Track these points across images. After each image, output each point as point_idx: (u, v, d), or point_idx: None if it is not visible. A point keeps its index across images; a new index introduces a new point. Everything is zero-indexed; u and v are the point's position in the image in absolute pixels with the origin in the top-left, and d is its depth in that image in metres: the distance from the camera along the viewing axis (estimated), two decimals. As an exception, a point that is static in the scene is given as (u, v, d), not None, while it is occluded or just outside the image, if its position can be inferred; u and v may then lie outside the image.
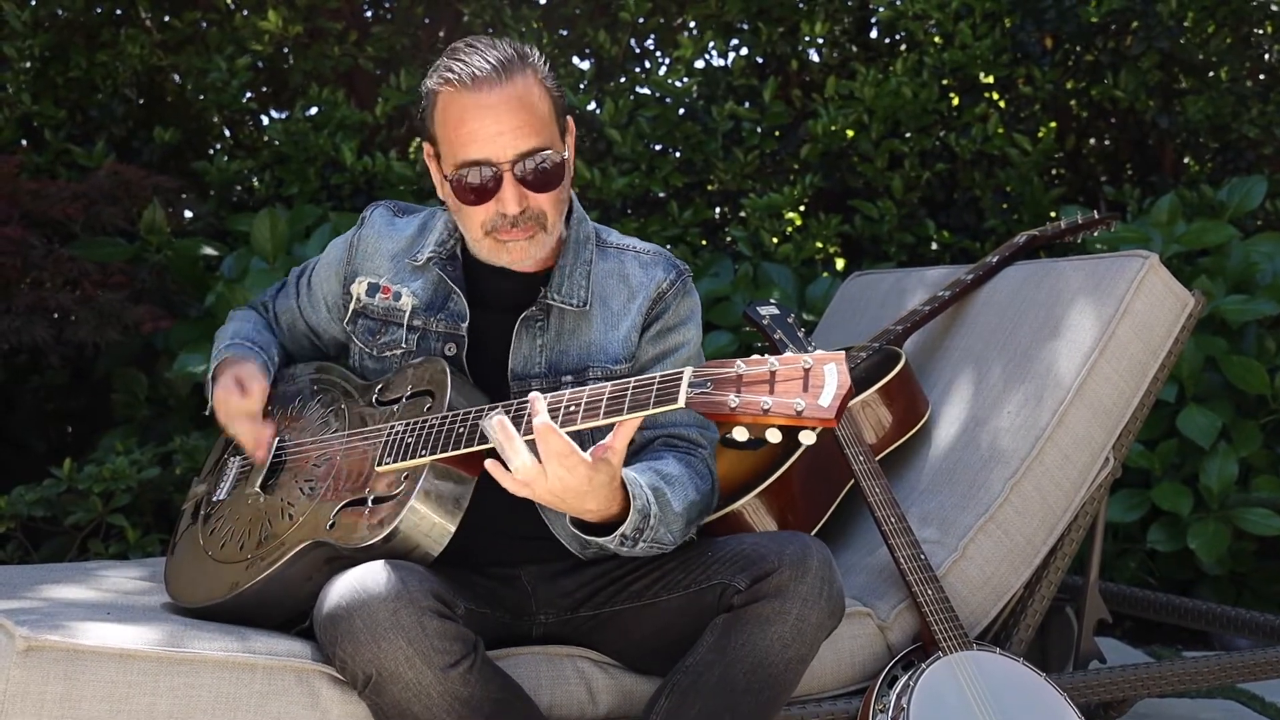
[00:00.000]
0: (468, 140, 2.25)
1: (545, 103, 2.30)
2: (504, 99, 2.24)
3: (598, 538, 2.17)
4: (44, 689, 2.01)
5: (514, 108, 2.25)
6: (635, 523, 2.14)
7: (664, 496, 2.20)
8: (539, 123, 2.27)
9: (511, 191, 2.26)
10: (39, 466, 4.31)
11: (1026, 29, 5.14)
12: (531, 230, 2.30)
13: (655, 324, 2.43)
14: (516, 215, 2.27)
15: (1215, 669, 2.90)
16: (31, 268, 4.10)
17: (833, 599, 2.22)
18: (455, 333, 2.41)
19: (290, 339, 2.69)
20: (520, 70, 2.27)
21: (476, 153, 2.25)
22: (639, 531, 2.15)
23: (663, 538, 2.21)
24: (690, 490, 2.29)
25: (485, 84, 2.23)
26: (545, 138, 2.28)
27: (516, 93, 2.25)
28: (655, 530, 2.18)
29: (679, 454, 2.37)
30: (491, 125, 2.24)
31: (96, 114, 5.09)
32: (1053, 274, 3.10)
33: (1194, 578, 4.41)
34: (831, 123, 4.96)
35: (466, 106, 2.25)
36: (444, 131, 2.29)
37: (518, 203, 2.26)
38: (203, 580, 2.37)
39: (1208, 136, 5.29)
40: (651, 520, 2.16)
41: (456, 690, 2.04)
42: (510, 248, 2.32)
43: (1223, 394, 4.29)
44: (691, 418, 2.43)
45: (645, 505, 2.15)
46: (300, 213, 4.62)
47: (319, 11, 5.21)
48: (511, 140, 2.24)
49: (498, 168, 2.25)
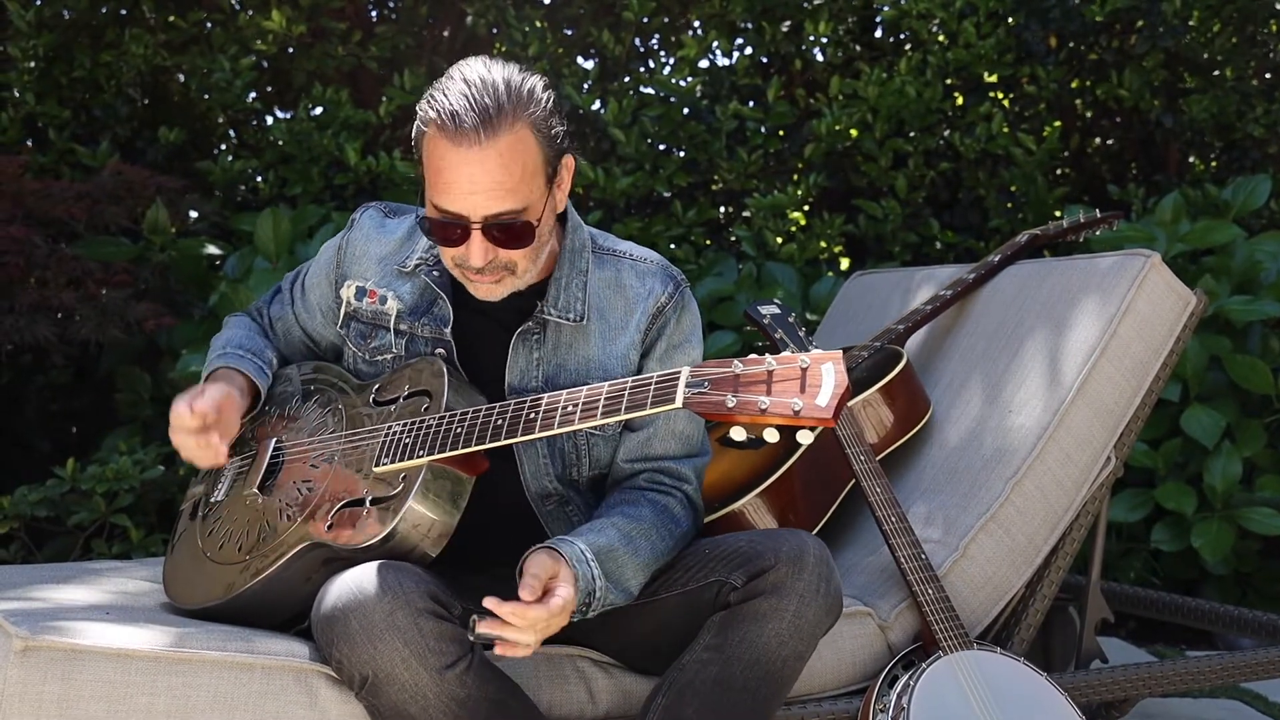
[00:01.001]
0: (443, 189, 2.19)
1: (533, 155, 2.20)
2: (483, 158, 2.15)
3: None
4: (42, 689, 2.01)
5: (490, 169, 2.16)
6: (581, 598, 2.15)
7: (617, 558, 2.21)
8: (516, 183, 2.18)
9: (478, 248, 2.20)
10: (43, 466, 4.32)
11: (1031, 28, 5.14)
12: (499, 276, 2.26)
13: (659, 343, 2.40)
14: (481, 266, 2.23)
15: (1217, 668, 2.90)
16: (35, 267, 4.10)
17: (830, 595, 2.21)
18: (440, 337, 2.39)
19: (286, 346, 2.65)
20: (509, 123, 2.16)
21: (449, 204, 2.18)
22: (585, 606, 2.17)
23: (616, 601, 2.22)
24: (658, 540, 2.29)
25: (466, 138, 2.15)
26: (520, 198, 2.19)
27: (497, 152, 2.15)
28: (604, 596, 2.19)
29: (658, 493, 2.37)
30: (466, 183, 2.16)
31: (101, 114, 5.10)
32: (1054, 273, 3.09)
33: (1198, 577, 4.40)
34: (835, 122, 4.96)
35: (445, 155, 2.17)
36: (426, 167, 2.23)
37: (482, 257, 2.21)
38: (201, 581, 2.37)
39: (1212, 135, 5.28)
40: (598, 592, 2.17)
41: (453, 691, 2.04)
42: (476, 286, 2.28)
43: (1227, 394, 4.28)
44: (681, 447, 2.42)
45: (589, 581, 2.16)
46: (304, 213, 4.63)
47: (323, 11, 5.21)
48: (484, 200, 2.17)
49: (466, 222, 2.19)
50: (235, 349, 2.55)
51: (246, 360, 2.54)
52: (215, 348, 2.59)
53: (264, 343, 2.61)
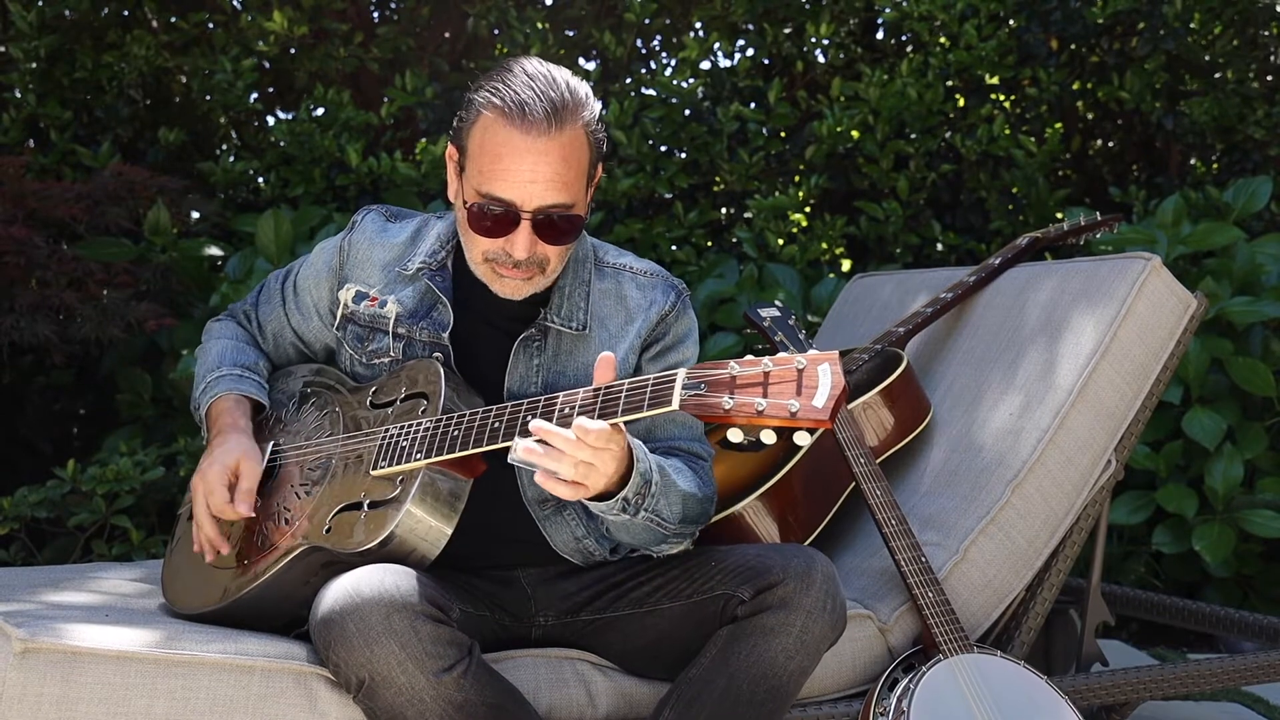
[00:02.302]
0: (499, 175, 2.20)
1: (586, 155, 2.25)
2: (546, 148, 2.19)
3: (599, 503, 2.14)
4: (41, 691, 2.01)
5: (554, 160, 2.19)
6: (636, 485, 2.12)
7: (666, 474, 2.20)
8: (573, 178, 2.22)
9: (524, 238, 2.22)
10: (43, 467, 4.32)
11: (1032, 30, 5.13)
12: (531, 273, 2.28)
13: (655, 345, 2.42)
14: (522, 260, 2.25)
15: (1218, 671, 2.89)
16: (36, 267, 4.10)
17: (836, 612, 2.22)
18: (438, 342, 2.39)
19: (276, 349, 2.63)
20: (573, 119, 2.21)
21: (503, 191, 2.20)
22: (640, 497, 2.14)
23: (662, 511, 2.20)
24: (691, 482, 2.29)
25: (535, 127, 2.18)
26: (574, 194, 2.23)
27: (561, 144, 2.20)
28: (655, 500, 2.16)
29: (681, 459, 2.37)
30: (527, 171, 2.19)
31: (102, 115, 5.10)
32: (1055, 276, 3.09)
33: (1199, 580, 4.40)
34: (837, 124, 4.95)
35: (507, 142, 2.19)
36: (478, 153, 2.23)
37: (526, 249, 2.23)
38: (200, 585, 2.37)
39: (1213, 138, 5.27)
40: (653, 488, 2.15)
41: (450, 695, 2.03)
42: (505, 282, 2.29)
43: (1228, 396, 4.28)
44: (692, 433, 2.42)
45: (648, 471, 2.14)
46: (305, 213, 4.63)
47: (324, 12, 5.22)
48: (542, 191, 2.20)
49: (518, 212, 2.21)
50: (231, 368, 2.53)
51: (247, 381, 2.52)
52: (207, 364, 2.55)
53: (256, 353, 2.60)
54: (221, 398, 2.48)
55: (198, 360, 2.60)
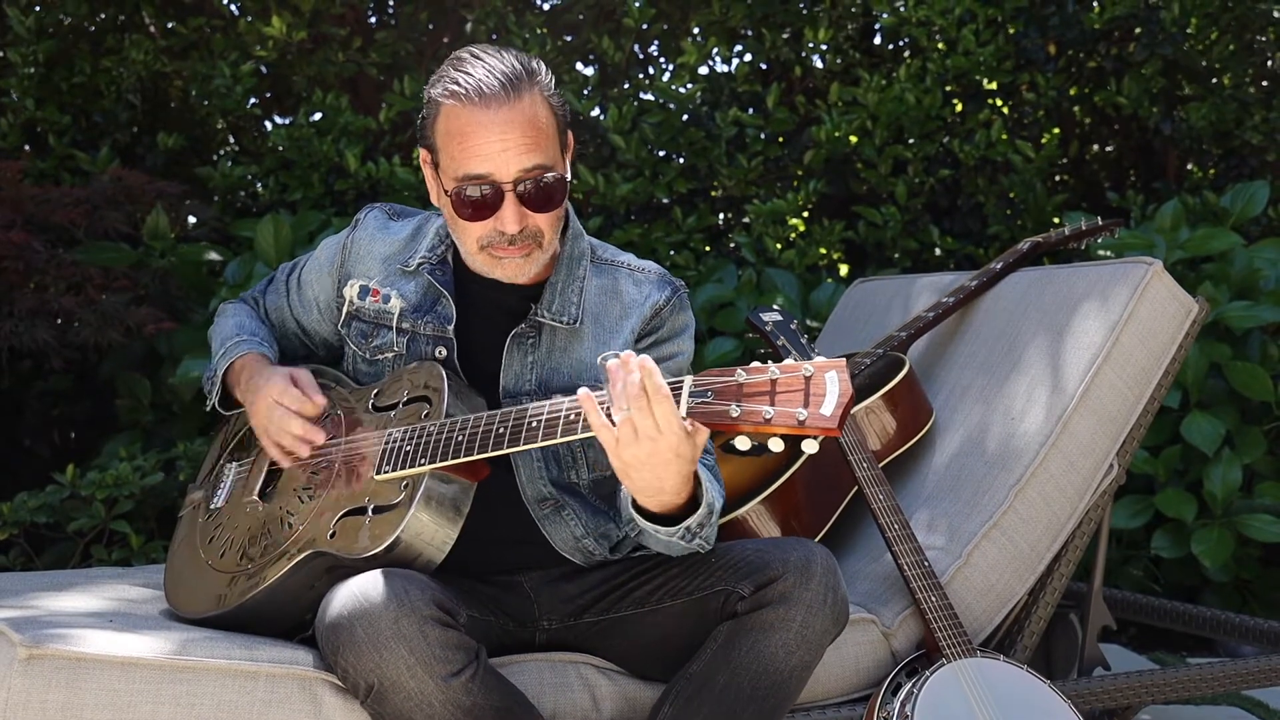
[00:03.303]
0: (470, 155, 2.23)
1: (549, 119, 2.28)
2: (510, 116, 2.22)
3: (658, 526, 2.14)
4: (45, 697, 2.01)
5: (519, 124, 2.22)
6: (701, 517, 2.13)
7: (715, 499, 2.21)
8: (543, 139, 2.25)
9: (512, 210, 2.24)
10: (43, 472, 4.31)
11: (1030, 35, 5.14)
12: (528, 248, 2.29)
13: (649, 336, 2.43)
14: (514, 234, 2.26)
15: (1219, 676, 2.90)
16: (34, 272, 4.10)
17: (837, 605, 2.21)
18: (443, 335, 2.40)
19: (280, 337, 2.67)
20: (528, 86, 2.24)
21: (478, 168, 2.23)
22: (701, 526, 2.15)
23: (710, 537, 2.21)
24: (720, 495, 2.30)
25: (493, 100, 2.21)
26: (548, 155, 2.26)
27: (522, 109, 2.23)
28: (711, 529, 2.18)
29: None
30: (496, 141, 2.22)
31: (100, 119, 5.10)
32: (1057, 280, 3.09)
33: (1198, 584, 4.40)
34: (835, 129, 4.96)
35: (470, 121, 2.22)
36: (446, 144, 2.27)
37: (517, 221, 2.25)
38: (203, 590, 2.36)
39: (1211, 143, 5.28)
40: (713, 517, 2.17)
41: (459, 699, 2.03)
42: (505, 264, 2.31)
43: (1227, 400, 4.28)
44: None
45: (713, 500, 2.15)
46: (304, 218, 4.63)
47: (323, 17, 5.21)
48: (515, 157, 2.22)
49: (499, 185, 2.23)
50: (250, 335, 2.56)
51: (267, 347, 2.55)
52: (225, 333, 2.58)
53: (268, 331, 2.63)
54: (243, 356, 2.51)
55: (213, 334, 2.62)
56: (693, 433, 1.95)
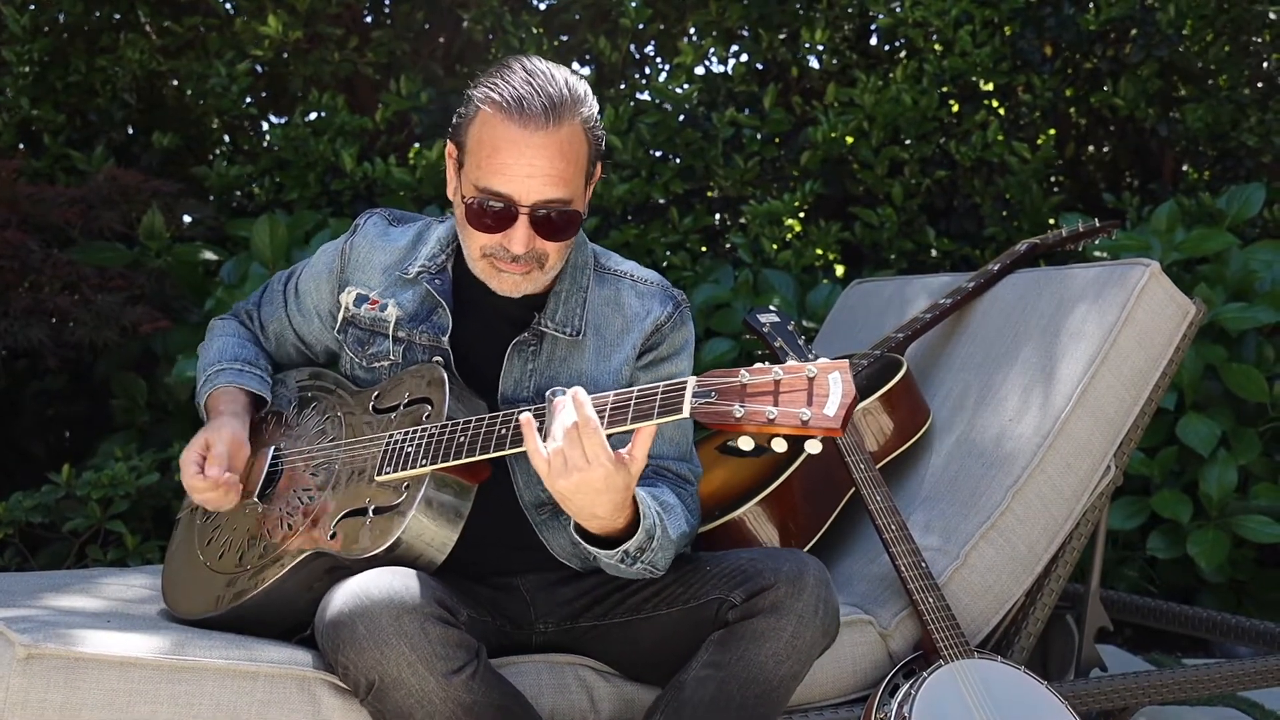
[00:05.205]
0: (497, 170, 2.20)
1: (584, 152, 2.26)
2: (544, 142, 2.19)
3: (599, 549, 2.16)
4: (44, 697, 2.01)
5: (552, 155, 2.20)
6: (640, 541, 2.14)
7: (664, 522, 2.20)
8: (571, 173, 2.23)
9: (522, 233, 2.23)
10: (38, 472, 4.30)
11: (1026, 37, 5.15)
12: (529, 268, 2.28)
13: (649, 353, 2.43)
14: (520, 254, 2.25)
15: (1216, 677, 2.90)
16: (30, 271, 4.09)
17: (828, 617, 2.21)
18: (438, 345, 2.39)
19: (278, 349, 2.64)
20: (571, 115, 2.22)
21: (501, 185, 2.21)
22: (640, 551, 2.16)
23: (657, 562, 2.22)
24: (682, 522, 2.30)
25: (531, 121, 2.18)
26: (571, 190, 2.24)
27: (559, 139, 2.20)
28: (654, 554, 2.18)
29: (670, 485, 2.38)
30: (525, 165, 2.19)
31: (96, 119, 5.09)
32: (1054, 282, 3.10)
33: (1194, 585, 4.41)
34: (832, 129, 4.96)
35: (504, 137, 2.20)
36: (476, 148, 2.24)
37: (525, 244, 2.23)
38: (201, 590, 2.36)
39: (1207, 144, 5.29)
40: (654, 543, 2.17)
41: (459, 697, 2.04)
42: (503, 278, 2.30)
43: (1222, 402, 4.29)
44: (681, 452, 2.43)
45: (652, 526, 2.15)
46: (300, 218, 4.62)
47: (319, 17, 5.20)
48: (539, 185, 2.20)
49: (516, 206, 2.21)
50: (231, 362, 2.54)
51: (248, 375, 2.53)
52: (208, 359, 2.57)
53: (257, 350, 2.60)
54: (221, 389, 2.49)
55: (199, 357, 2.62)
56: (626, 463, 2.00)
